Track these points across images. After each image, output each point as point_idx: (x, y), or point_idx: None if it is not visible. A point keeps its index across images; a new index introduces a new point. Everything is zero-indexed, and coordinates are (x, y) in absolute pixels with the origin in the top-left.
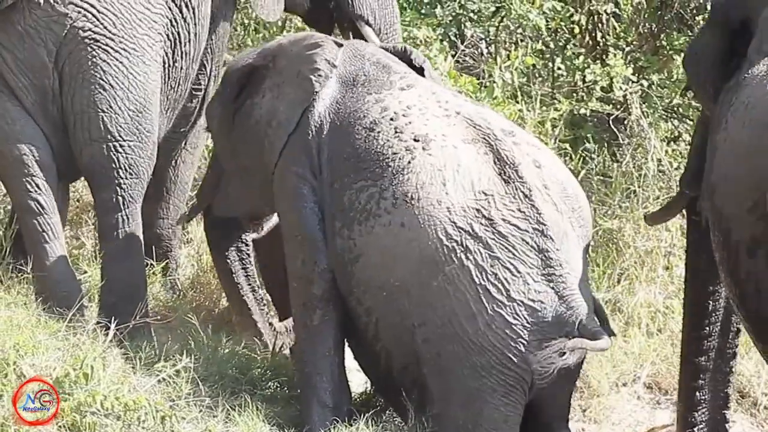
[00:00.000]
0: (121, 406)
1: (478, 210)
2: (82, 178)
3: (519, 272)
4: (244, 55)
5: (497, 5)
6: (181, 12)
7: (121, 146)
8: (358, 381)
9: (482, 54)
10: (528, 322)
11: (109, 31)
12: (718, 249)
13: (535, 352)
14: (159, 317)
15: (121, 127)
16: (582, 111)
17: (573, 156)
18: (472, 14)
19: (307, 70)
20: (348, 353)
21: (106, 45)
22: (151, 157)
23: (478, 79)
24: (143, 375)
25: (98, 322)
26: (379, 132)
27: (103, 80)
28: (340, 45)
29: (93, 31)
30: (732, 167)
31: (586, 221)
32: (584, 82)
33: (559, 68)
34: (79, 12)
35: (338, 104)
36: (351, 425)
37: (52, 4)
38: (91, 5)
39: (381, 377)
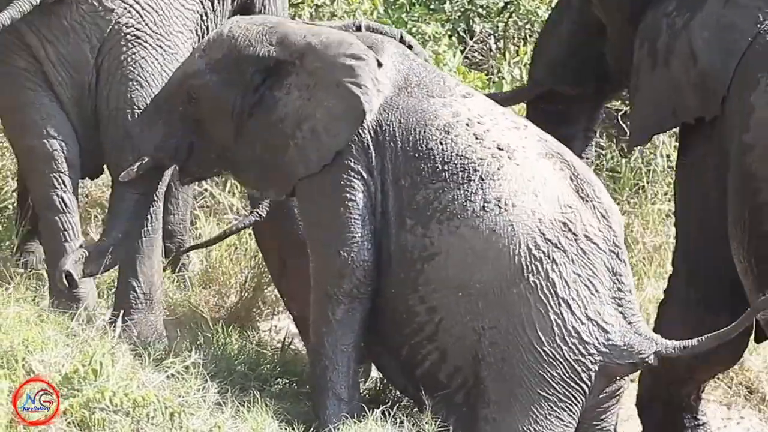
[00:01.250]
0: (130, 402)
1: (564, 224)
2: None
3: (597, 292)
4: (254, 36)
5: (506, 1)
6: (212, 5)
7: None
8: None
9: (491, 50)
10: (599, 343)
11: (150, 28)
12: (736, 206)
13: (600, 373)
14: (168, 313)
15: None
16: None
17: None
18: (480, 10)
19: (349, 82)
20: None
21: (146, 42)
22: None
23: (487, 75)
24: (152, 371)
25: (111, 317)
26: (456, 136)
27: (140, 77)
28: (376, 48)
29: (135, 28)
30: None
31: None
32: None
33: None
34: (125, 8)
35: (394, 101)
36: (361, 421)
37: None
38: (136, 1)
39: (419, 377)
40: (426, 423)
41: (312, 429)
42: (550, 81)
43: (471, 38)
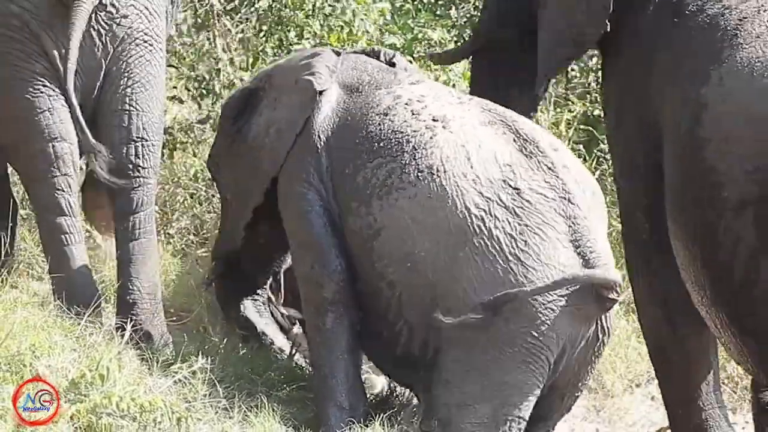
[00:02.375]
0: (136, 407)
1: (504, 180)
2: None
3: (548, 237)
4: (239, 88)
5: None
6: None
7: (153, 145)
8: (372, 383)
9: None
10: (558, 286)
11: (155, 32)
12: (695, 204)
13: (563, 319)
14: (175, 318)
15: (155, 126)
16: (596, 112)
17: (587, 157)
18: None
19: (305, 75)
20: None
21: (152, 45)
22: None
23: None
24: (159, 376)
25: (117, 322)
26: (394, 115)
27: (145, 79)
28: (337, 53)
29: (145, 32)
30: (734, 129)
31: (602, 205)
32: (598, 83)
33: (572, 69)
34: (137, 13)
35: (344, 103)
36: (367, 427)
37: (116, 5)
38: (145, 6)
39: (400, 358)
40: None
41: None
42: (488, 31)
43: None
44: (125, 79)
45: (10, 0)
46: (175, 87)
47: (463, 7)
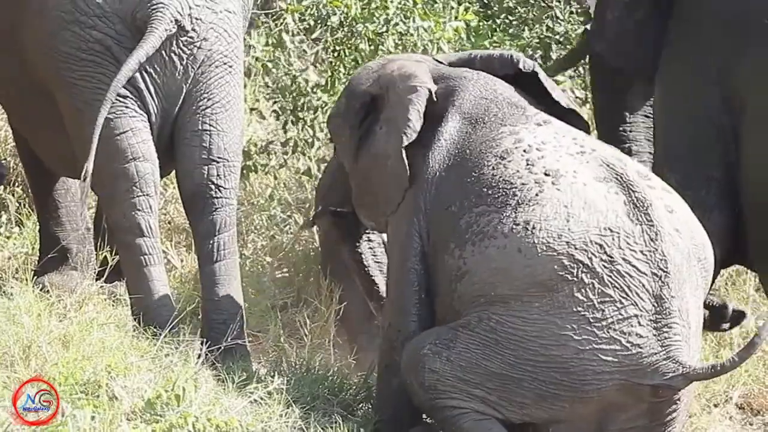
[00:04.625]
0: (212, 427)
1: (600, 246)
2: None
3: (627, 314)
4: (367, 74)
5: (585, 27)
6: None
7: (234, 166)
8: None
9: (571, 77)
10: (617, 362)
11: (234, 54)
12: None
13: (620, 392)
14: (250, 339)
15: (235, 146)
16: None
17: None
18: (558, 37)
19: (401, 120)
20: None
21: (231, 66)
22: None
23: None
24: (235, 396)
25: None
26: (509, 161)
27: (224, 100)
28: (453, 80)
29: (225, 54)
30: None
31: (709, 271)
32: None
33: None
34: (217, 36)
35: (465, 134)
36: None
37: (197, 29)
38: (224, 29)
39: None
40: None
41: None
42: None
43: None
44: (205, 100)
45: (93, 27)
46: (257, 100)
47: (535, 28)
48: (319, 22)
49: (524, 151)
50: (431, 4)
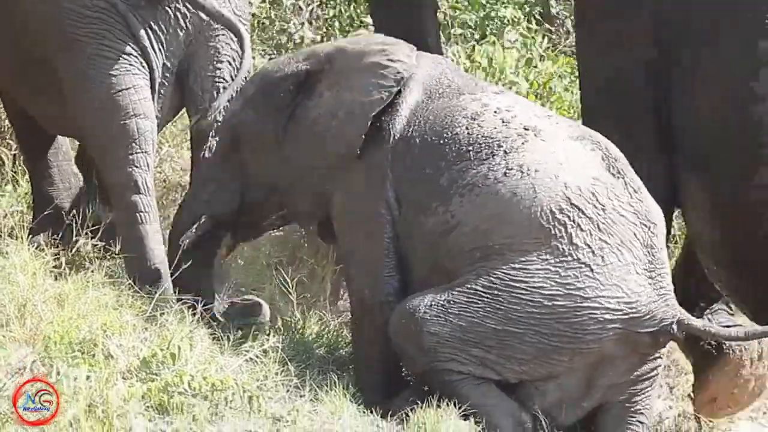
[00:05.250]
0: (208, 386)
1: (592, 194)
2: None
3: (625, 260)
4: (283, 62)
5: None
6: None
7: None
8: None
9: (568, 32)
10: (619, 310)
11: (233, 14)
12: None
13: (621, 341)
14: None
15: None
16: None
17: None
18: None
19: (385, 60)
20: None
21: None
22: None
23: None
24: (230, 355)
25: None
26: (483, 121)
27: (225, 56)
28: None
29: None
30: None
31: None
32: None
33: None
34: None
35: (425, 104)
36: None
37: None
38: None
39: None
40: None
41: (390, 411)
42: None
43: (547, 21)
44: (214, 60)
45: None
46: (253, 58)
47: None
48: None
49: (494, 112)
50: None
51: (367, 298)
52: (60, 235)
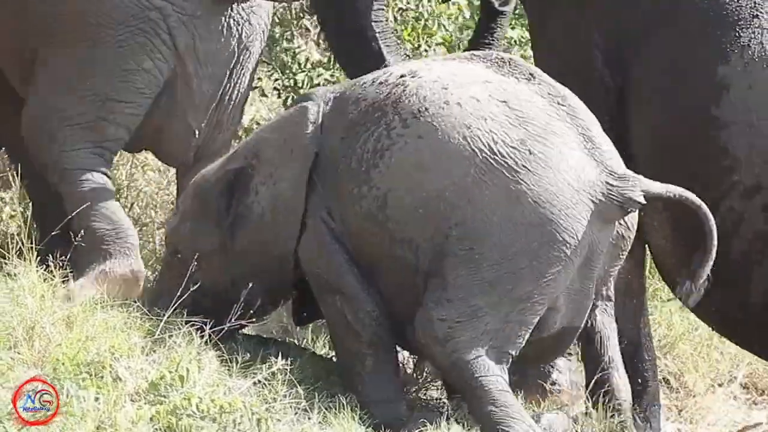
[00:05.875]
0: (216, 408)
1: (490, 95)
2: None
3: (552, 144)
4: (208, 172)
5: None
6: None
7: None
8: None
9: None
10: (573, 189)
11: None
12: (691, 179)
13: (587, 225)
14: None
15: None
16: None
17: None
18: None
19: (299, 139)
20: None
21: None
22: None
23: None
24: (239, 377)
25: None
26: (364, 95)
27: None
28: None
29: (265, 23)
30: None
31: None
32: None
33: None
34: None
35: (330, 130)
36: None
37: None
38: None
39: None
40: None
41: None
42: None
43: None
44: (248, 68)
45: None
46: (259, 78)
47: None
48: None
49: (372, 82)
50: None
51: (351, 323)
52: (68, 256)
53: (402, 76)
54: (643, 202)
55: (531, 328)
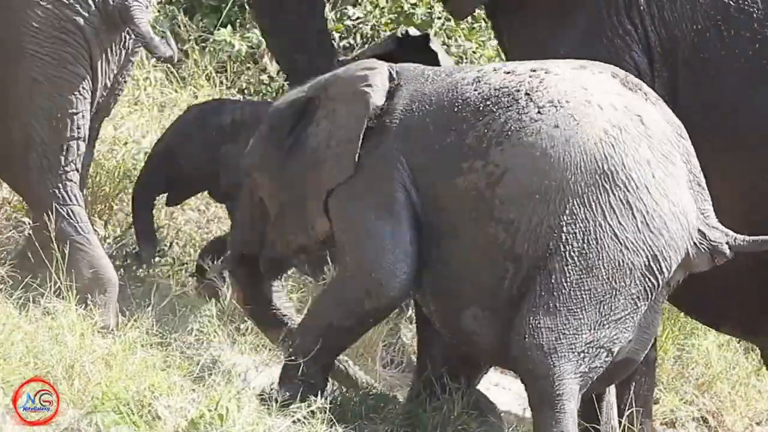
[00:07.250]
0: None
1: (626, 107)
2: None
3: (671, 173)
4: (293, 93)
5: None
6: None
7: None
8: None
9: None
10: (680, 225)
11: None
12: None
13: (677, 261)
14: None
15: None
16: None
17: None
18: None
19: (361, 86)
20: None
21: None
22: None
23: None
24: (278, 416)
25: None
26: (489, 79)
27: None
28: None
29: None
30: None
31: None
32: None
33: None
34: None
35: (420, 93)
36: None
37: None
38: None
39: (500, 297)
40: None
41: None
42: None
43: None
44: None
45: (69, 6)
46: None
47: None
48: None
49: (494, 70)
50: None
51: (376, 274)
52: None
53: (534, 70)
54: (730, 256)
55: (612, 357)
